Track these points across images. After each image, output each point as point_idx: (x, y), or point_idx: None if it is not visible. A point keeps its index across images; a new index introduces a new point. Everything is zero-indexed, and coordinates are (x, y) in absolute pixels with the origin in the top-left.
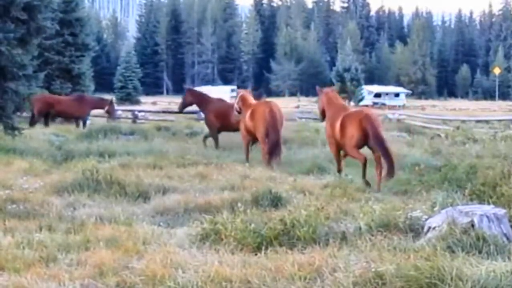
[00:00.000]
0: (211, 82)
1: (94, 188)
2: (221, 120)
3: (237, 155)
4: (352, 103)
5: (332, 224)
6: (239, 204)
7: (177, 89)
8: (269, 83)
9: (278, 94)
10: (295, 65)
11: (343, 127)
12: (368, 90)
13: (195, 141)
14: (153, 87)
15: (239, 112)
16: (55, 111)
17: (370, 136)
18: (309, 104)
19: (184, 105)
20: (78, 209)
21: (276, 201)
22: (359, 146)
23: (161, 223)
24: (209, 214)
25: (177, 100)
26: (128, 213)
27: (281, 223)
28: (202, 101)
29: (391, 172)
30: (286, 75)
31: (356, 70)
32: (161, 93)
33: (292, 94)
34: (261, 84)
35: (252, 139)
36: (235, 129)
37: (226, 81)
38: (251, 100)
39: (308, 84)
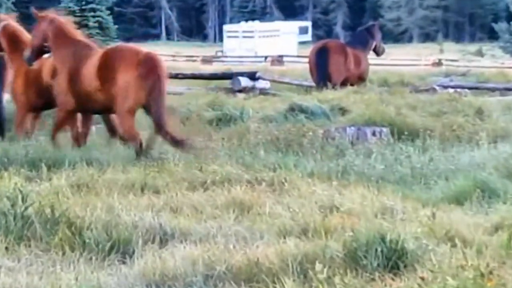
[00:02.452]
0: (260, 14)
1: (18, 234)
2: None
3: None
4: None
5: None
6: (318, 266)
7: (189, 29)
8: (378, 16)
9: (398, 38)
10: None
11: (107, 72)
12: None
13: (229, 133)
14: (140, 26)
15: None
16: None
17: (150, 90)
18: (461, 58)
19: None
20: None
21: (394, 259)
22: (137, 105)
23: None
24: (257, 286)
25: (189, 50)
26: (90, 284)
27: None
28: None
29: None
30: (415, 1)
31: None
32: (155, 36)
33: (428, 37)
34: (361, 19)
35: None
36: None
37: (288, 14)
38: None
39: (459, 18)
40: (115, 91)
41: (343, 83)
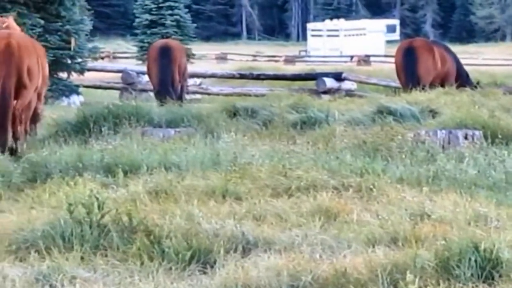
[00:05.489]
0: (345, 12)
1: (94, 243)
2: None
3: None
4: None
5: None
6: (409, 276)
7: (270, 28)
8: (470, 13)
9: (490, 36)
10: None
11: None
12: None
13: (313, 137)
14: (219, 24)
15: None
16: None
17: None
18: None
19: None
20: None
21: (489, 269)
22: None
23: None
24: None
25: (271, 49)
26: None
27: None
28: None
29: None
30: None
31: None
32: (235, 35)
33: None
34: (451, 17)
35: None
36: None
37: (375, 11)
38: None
39: None
40: None
41: (430, 84)
